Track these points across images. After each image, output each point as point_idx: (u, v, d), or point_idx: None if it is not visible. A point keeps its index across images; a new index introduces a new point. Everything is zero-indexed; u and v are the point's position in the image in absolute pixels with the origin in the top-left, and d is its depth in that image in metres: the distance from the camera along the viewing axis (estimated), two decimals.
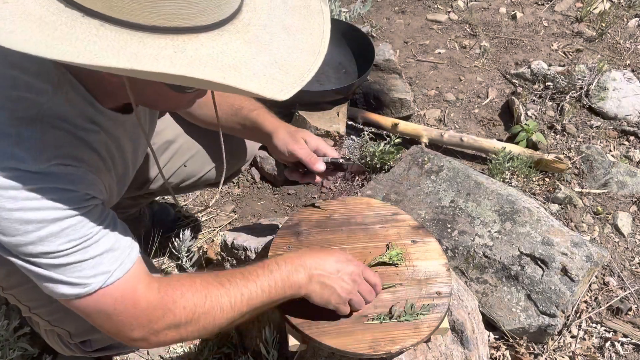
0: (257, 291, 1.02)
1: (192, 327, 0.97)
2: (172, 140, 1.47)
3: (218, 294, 0.98)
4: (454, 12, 3.16)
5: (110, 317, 0.91)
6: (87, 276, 0.87)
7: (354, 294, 1.11)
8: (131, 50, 0.67)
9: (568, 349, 1.68)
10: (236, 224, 2.12)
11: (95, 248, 0.87)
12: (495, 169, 2.15)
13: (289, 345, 1.14)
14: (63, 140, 0.85)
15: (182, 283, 0.97)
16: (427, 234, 1.34)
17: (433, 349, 1.25)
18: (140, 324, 0.93)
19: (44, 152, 0.81)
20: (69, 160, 0.85)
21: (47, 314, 1.19)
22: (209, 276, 1.01)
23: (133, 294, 0.91)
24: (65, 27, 0.67)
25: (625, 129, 2.44)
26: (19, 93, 0.82)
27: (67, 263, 0.85)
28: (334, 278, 1.08)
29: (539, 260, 1.68)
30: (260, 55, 0.74)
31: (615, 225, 2.03)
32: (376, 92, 2.44)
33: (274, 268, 1.05)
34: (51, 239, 0.83)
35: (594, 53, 2.85)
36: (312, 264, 1.08)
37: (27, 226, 0.81)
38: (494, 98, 2.65)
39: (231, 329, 1.55)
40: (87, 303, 0.89)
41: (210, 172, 1.59)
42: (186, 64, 0.68)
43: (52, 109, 0.84)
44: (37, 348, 1.55)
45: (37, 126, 0.82)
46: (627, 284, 1.84)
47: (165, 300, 0.94)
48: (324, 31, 0.82)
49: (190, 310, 0.96)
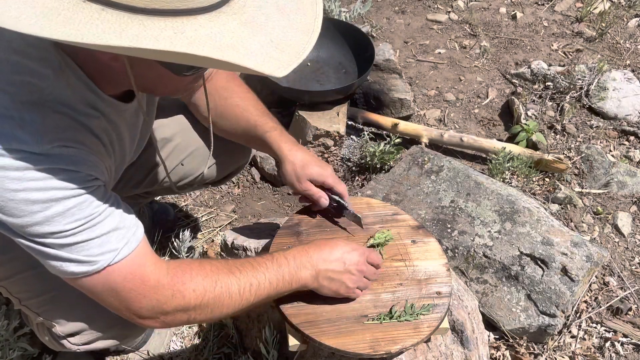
0: (264, 282, 1.04)
1: (201, 311, 0.99)
2: (169, 139, 1.48)
3: (228, 280, 1.00)
4: (454, 12, 3.16)
5: (119, 294, 0.93)
6: (94, 254, 0.89)
7: (361, 280, 1.15)
8: (132, 32, 0.69)
9: (568, 349, 1.68)
10: (236, 224, 2.12)
11: (101, 227, 0.89)
12: (495, 169, 2.15)
13: (289, 345, 1.14)
14: (64, 124, 0.86)
15: (192, 267, 0.99)
16: (427, 234, 1.34)
17: (433, 349, 1.25)
18: (149, 302, 0.95)
19: (46, 134, 0.83)
20: (70, 143, 0.86)
21: (36, 306, 1.20)
22: (219, 263, 1.03)
23: (142, 271, 0.93)
24: (68, 12, 0.69)
25: (625, 129, 2.44)
26: (22, 77, 0.84)
27: (75, 242, 0.87)
28: (340, 271, 1.12)
29: (539, 260, 1.68)
30: (257, 35, 0.76)
31: (615, 225, 2.03)
32: (376, 92, 2.44)
33: (282, 262, 1.08)
34: (57, 219, 0.85)
35: (594, 53, 2.85)
36: (318, 259, 1.11)
37: (33, 206, 0.83)
38: (494, 98, 2.65)
39: (238, 315, 1.55)
40: (96, 281, 0.91)
41: (208, 171, 1.59)
42: (186, 44, 0.70)
43: (53, 94, 0.85)
44: (37, 348, 1.55)
45: (39, 110, 0.84)
46: (627, 284, 1.84)
47: (174, 281, 0.96)
48: (317, 10, 0.84)
49: (200, 293, 0.97)
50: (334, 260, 1.12)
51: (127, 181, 1.51)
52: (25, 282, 1.18)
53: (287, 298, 1.15)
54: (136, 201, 1.72)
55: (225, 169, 1.60)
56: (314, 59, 2.42)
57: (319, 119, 2.17)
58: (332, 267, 1.11)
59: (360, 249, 1.18)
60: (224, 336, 1.62)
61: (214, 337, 1.61)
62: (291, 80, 2.31)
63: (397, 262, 1.27)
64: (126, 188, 1.53)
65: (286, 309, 1.15)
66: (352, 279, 1.13)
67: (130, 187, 1.53)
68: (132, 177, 1.51)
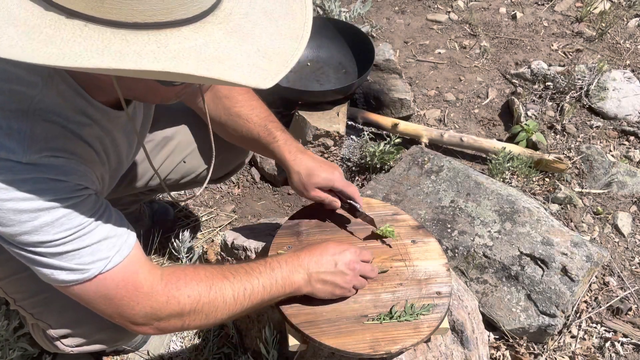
0: (258, 287, 1.04)
1: (195, 317, 0.99)
2: (170, 137, 1.48)
3: (222, 285, 1.00)
4: (454, 12, 3.16)
5: (112, 300, 0.92)
6: (85, 262, 0.88)
7: (355, 279, 1.15)
8: (115, 49, 0.68)
9: (568, 349, 1.68)
10: (236, 224, 2.12)
11: (91, 236, 0.89)
12: (495, 169, 2.15)
13: (289, 345, 1.14)
14: (54, 133, 0.86)
15: (186, 272, 0.99)
16: (427, 234, 1.34)
17: (433, 349, 1.25)
18: (143, 309, 0.94)
19: (35, 144, 0.82)
20: (59, 152, 0.85)
21: (30, 306, 1.21)
22: (213, 268, 1.03)
23: (134, 277, 0.93)
24: (50, 30, 0.68)
25: (625, 129, 2.44)
26: (10, 86, 0.83)
27: (65, 251, 0.87)
28: (333, 273, 1.12)
29: (539, 260, 1.68)
30: (243, 44, 0.74)
31: (615, 225, 2.03)
32: (376, 92, 2.43)
33: (275, 266, 1.08)
34: (46, 229, 0.84)
35: (594, 53, 2.85)
36: (310, 262, 1.11)
37: (21, 216, 0.82)
38: (494, 98, 2.65)
39: (230, 321, 1.56)
40: (87, 289, 0.91)
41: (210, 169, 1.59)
42: (170, 58, 0.69)
43: (43, 102, 0.85)
44: (37, 348, 1.55)
45: (27, 119, 0.83)
46: (627, 284, 1.84)
47: (169, 287, 0.95)
48: (307, 15, 0.82)
49: (194, 299, 0.97)
50: (325, 263, 1.12)
51: (129, 181, 1.51)
52: (20, 283, 1.18)
53: (287, 299, 1.15)
54: (137, 198, 1.72)
55: (226, 166, 1.60)
56: (314, 59, 2.42)
57: (319, 119, 2.17)
58: (324, 269, 1.11)
59: (352, 247, 1.17)
60: (224, 336, 1.62)
61: (214, 337, 1.61)
62: (291, 80, 2.31)
63: (397, 262, 1.27)
64: (129, 188, 1.53)
65: (286, 309, 1.15)
66: (345, 279, 1.13)
67: (133, 186, 1.53)
68: (134, 178, 1.51)
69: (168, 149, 1.48)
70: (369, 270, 1.18)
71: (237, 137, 1.36)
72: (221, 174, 1.63)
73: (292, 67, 0.77)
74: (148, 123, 1.26)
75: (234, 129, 1.34)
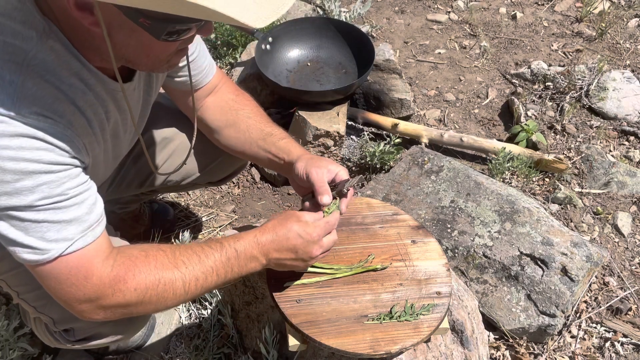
0: (212, 276, 1.03)
1: (142, 307, 0.99)
2: (170, 138, 1.48)
3: (172, 277, 0.99)
4: (454, 12, 3.16)
5: (62, 285, 0.93)
6: (49, 239, 0.88)
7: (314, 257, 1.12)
8: None
9: (568, 349, 1.68)
10: (236, 224, 2.12)
11: (65, 212, 0.89)
12: (495, 169, 2.15)
13: (289, 345, 1.14)
14: (45, 92, 0.85)
15: (137, 263, 0.98)
16: (427, 234, 1.34)
17: (433, 349, 1.25)
18: (89, 299, 0.95)
19: (24, 99, 0.82)
20: (48, 113, 0.85)
21: (33, 299, 1.21)
22: (165, 256, 1.01)
23: (88, 266, 0.93)
24: None
25: (625, 129, 2.44)
26: (5, 39, 0.84)
27: (35, 220, 0.87)
28: (292, 258, 1.10)
29: (539, 260, 1.68)
30: None
31: (615, 225, 2.03)
32: (376, 92, 2.44)
33: (231, 255, 1.05)
34: (26, 193, 0.84)
35: (594, 53, 2.85)
36: (270, 249, 1.08)
37: (5, 175, 0.82)
38: (494, 98, 2.65)
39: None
40: (46, 269, 0.91)
41: (208, 171, 1.59)
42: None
43: (37, 58, 0.85)
44: (37, 348, 1.56)
45: (20, 71, 0.83)
46: (627, 284, 1.84)
47: (116, 280, 0.95)
48: None
49: (141, 292, 0.97)
50: (286, 251, 1.09)
51: (130, 181, 1.51)
52: (23, 275, 1.18)
53: (287, 299, 1.15)
54: (138, 197, 1.72)
55: (226, 169, 1.60)
56: (314, 59, 2.42)
57: (319, 119, 2.17)
58: (283, 256, 1.09)
59: (316, 234, 1.10)
60: (224, 336, 1.62)
61: (214, 337, 1.61)
62: (291, 80, 2.31)
63: (397, 262, 1.27)
64: (130, 188, 1.53)
65: (286, 309, 1.15)
66: (306, 264, 1.13)
67: (134, 187, 1.53)
68: (134, 177, 1.51)
69: (168, 150, 1.48)
70: (331, 244, 1.14)
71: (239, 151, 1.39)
72: (221, 177, 1.62)
73: (292, 67, 0.77)
74: (146, 110, 1.25)
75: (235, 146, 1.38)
